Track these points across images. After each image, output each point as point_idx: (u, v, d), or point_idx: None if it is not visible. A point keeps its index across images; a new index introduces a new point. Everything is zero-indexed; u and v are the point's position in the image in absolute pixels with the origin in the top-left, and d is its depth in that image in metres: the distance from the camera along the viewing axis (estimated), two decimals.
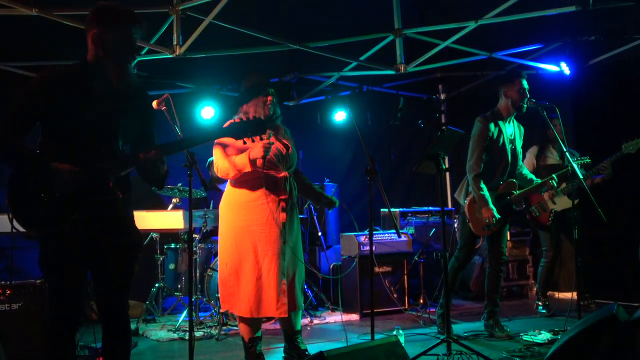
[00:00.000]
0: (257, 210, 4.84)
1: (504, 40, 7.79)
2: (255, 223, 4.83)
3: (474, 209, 5.95)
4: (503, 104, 6.05)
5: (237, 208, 4.90)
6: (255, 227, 4.82)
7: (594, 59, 8.10)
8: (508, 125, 6.05)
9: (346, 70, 8.35)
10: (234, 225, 4.89)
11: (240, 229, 4.86)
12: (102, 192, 3.29)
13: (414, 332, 6.31)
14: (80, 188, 3.21)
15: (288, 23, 6.98)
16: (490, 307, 6.11)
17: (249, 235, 4.83)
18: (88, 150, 3.27)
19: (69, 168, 3.17)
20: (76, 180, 3.21)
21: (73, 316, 3.33)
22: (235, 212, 4.90)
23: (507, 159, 6.00)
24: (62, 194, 3.19)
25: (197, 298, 6.86)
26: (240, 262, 4.83)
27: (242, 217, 4.86)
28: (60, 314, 3.31)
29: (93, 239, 3.30)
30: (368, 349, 3.95)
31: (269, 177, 4.84)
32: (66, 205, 3.20)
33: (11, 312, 5.25)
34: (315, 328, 6.86)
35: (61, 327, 3.32)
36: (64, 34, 6.25)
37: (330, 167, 9.39)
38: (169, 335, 6.39)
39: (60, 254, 3.26)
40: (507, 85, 6.02)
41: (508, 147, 5.99)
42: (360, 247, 7.40)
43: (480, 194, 5.81)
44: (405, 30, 6.97)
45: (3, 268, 7.03)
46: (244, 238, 4.84)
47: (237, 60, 7.62)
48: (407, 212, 8.43)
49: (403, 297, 7.60)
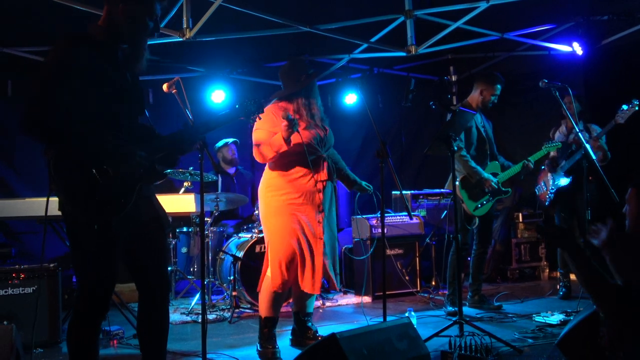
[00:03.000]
0: (296, 190, 4.86)
1: (516, 20, 7.72)
2: (296, 202, 4.85)
3: (466, 190, 6.23)
4: (475, 98, 6.48)
5: (277, 188, 4.91)
6: (295, 206, 4.85)
7: (607, 39, 8.01)
8: (477, 116, 6.41)
9: (357, 52, 8.31)
10: (275, 205, 4.91)
11: (280, 208, 4.87)
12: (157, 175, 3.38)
13: (426, 314, 6.32)
14: (138, 171, 3.22)
15: (298, 5, 6.93)
16: (475, 285, 6.55)
17: (289, 214, 4.84)
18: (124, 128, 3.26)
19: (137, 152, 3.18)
20: (142, 165, 3.22)
21: (108, 300, 3.31)
22: (275, 192, 4.91)
23: (485, 144, 6.41)
24: (123, 176, 3.16)
25: (210, 281, 6.89)
26: (280, 242, 4.85)
27: (282, 197, 4.88)
28: (98, 298, 3.24)
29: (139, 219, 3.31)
30: (380, 330, 3.96)
31: (310, 159, 4.86)
32: (128, 187, 3.19)
33: (25, 296, 5.29)
34: (327, 310, 6.88)
35: (96, 312, 3.25)
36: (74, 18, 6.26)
37: (341, 150, 9.24)
38: (182, 318, 6.43)
39: (111, 236, 3.19)
40: (486, 85, 6.44)
41: (483, 133, 6.40)
42: (371, 230, 7.40)
43: (471, 166, 6.19)
44: (416, 12, 6.91)
45: (16, 253, 7.08)
46: (283, 217, 4.85)
47: (247, 43, 7.59)
48: (419, 195, 8.42)
49: (415, 279, 7.61)
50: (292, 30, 7.09)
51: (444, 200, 8.43)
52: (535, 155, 6.46)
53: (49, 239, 6.92)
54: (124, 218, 3.18)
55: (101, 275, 3.22)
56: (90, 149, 3.09)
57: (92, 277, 3.21)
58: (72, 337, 3.25)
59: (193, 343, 5.37)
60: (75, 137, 3.06)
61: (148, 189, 3.43)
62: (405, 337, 4.02)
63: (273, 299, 4.93)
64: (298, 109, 4.96)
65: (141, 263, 3.39)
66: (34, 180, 7.72)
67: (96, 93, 3.14)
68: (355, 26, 7.28)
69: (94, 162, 3.08)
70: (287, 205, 4.85)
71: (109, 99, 3.19)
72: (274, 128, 4.77)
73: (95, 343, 3.30)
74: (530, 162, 6.39)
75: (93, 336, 3.28)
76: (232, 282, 6.52)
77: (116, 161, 3.12)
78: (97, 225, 3.11)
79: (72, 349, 3.25)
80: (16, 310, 5.19)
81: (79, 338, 3.24)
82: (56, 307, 5.40)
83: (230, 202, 7.38)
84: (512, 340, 5.00)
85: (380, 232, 5.31)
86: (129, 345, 5.44)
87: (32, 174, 7.76)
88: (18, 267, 5.37)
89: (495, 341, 4.74)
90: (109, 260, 3.22)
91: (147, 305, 3.46)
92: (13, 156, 7.74)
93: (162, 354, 3.50)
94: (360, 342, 3.71)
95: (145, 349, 3.47)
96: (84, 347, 3.25)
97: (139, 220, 3.32)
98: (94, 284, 3.22)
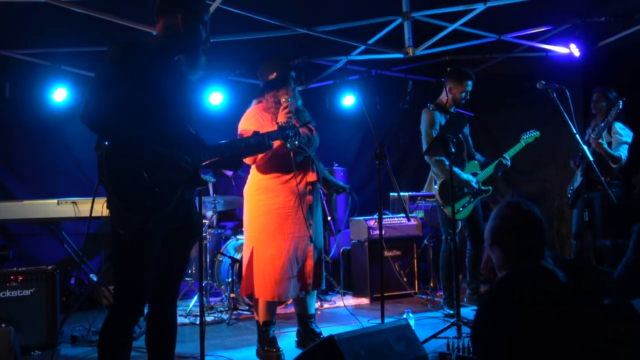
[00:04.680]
0: (286, 193, 4.86)
1: (513, 22, 7.73)
2: (288, 205, 4.85)
3: (446, 194, 6.03)
4: (445, 97, 6.32)
5: (267, 190, 4.90)
6: (287, 209, 4.85)
7: (604, 41, 8.02)
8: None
9: (354, 54, 8.31)
10: (262, 210, 4.90)
11: (270, 210, 4.87)
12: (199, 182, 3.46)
13: (424, 315, 6.32)
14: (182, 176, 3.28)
15: (296, 7, 6.94)
16: (474, 284, 6.58)
17: (280, 216, 4.85)
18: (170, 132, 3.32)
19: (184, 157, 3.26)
20: (187, 171, 3.29)
21: (144, 304, 3.32)
22: (265, 194, 4.90)
23: (462, 144, 6.29)
24: (166, 179, 3.22)
25: (208, 283, 6.89)
26: (269, 245, 4.85)
27: (271, 200, 4.87)
28: (137, 303, 3.24)
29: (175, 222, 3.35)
30: (378, 332, 3.96)
31: (298, 159, 4.86)
32: (171, 190, 3.25)
33: (23, 298, 5.29)
34: (325, 312, 6.88)
35: (133, 318, 3.25)
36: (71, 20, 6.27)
37: (339, 152, 9.38)
38: (180, 320, 6.41)
39: (152, 238, 3.23)
40: (454, 82, 6.29)
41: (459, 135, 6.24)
42: (369, 232, 7.41)
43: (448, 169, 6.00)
44: (413, 13, 6.92)
45: (14, 255, 7.08)
46: (274, 219, 4.85)
47: (245, 45, 7.60)
48: (417, 196, 8.40)
49: (413, 281, 7.61)
50: (290, 32, 7.10)
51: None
52: (511, 150, 6.44)
53: (47, 241, 6.96)
54: (161, 219, 3.23)
55: (138, 278, 3.22)
56: (141, 151, 3.17)
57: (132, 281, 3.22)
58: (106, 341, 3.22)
59: (191, 345, 5.37)
60: (126, 137, 3.16)
61: (190, 193, 3.48)
62: (403, 339, 4.01)
63: (268, 306, 4.95)
64: (272, 104, 4.94)
65: (162, 264, 3.38)
66: (32, 183, 7.72)
67: (147, 97, 3.23)
68: (353, 28, 7.29)
69: (144, 164, 3.16)
70: (278, 208, 4.84)
71: (159, 104, 3.28)
72: (262, 129, 4.74)
73: (129, 347, 3.29)
74: (506, 159, 6.36)
75: (127, 340, 3.28)
76: (230, 284, 6.52)
77: (164, 165, 3.21)
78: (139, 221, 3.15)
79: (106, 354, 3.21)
80: (14, 313, 5.18)
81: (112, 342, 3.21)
82: (54, 310, 5.39)
83: (228, 203, 7.38)
84: None
85: (378, 234, 5.32)
86: None
87: (31, 176, 7.76)
88: (16, 270, 5.37)
89: None
90: (147, 262, 3.23)
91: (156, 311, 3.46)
92: (11, 158, 7.73)
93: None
94: (358, 343, 3.70)
95: (153, 355, 3.48)
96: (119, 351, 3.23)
97: (174, 223, 3.35)
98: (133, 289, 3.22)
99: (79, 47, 7.27)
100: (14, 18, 6.55)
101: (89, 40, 7.10)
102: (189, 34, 3.39)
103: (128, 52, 3.21)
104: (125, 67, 3.17)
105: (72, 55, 7.45)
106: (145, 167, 3.15)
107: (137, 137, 3.18)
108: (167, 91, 3.32)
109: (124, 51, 3.21)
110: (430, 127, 6.19)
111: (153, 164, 3.17)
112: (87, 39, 7.08)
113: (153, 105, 3.26)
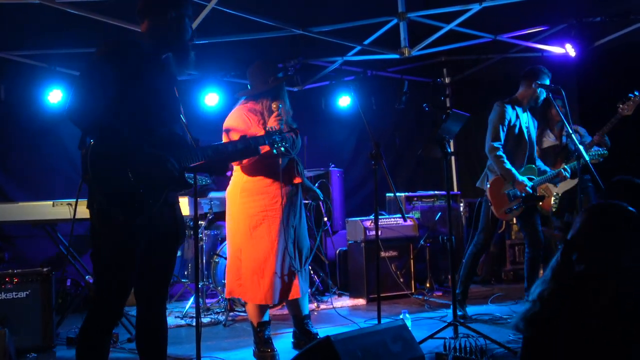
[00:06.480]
0: (271, 196, 4.85)
1: (509, 22, 7.74)
2: (270, 208, 4.84)
3: (497, 192, 5.94)
4: (525, 93, 6.10)
5: (252, 193, 4.89)
6: (273, 211, 4.84)
7: (600, 41, 8.04)
8: (524, 114, 6.11)
9: (350, 54, 8.32)
10: (248, 213, 4.88)
11: (255, 215, 4.85)
12: (184, 183, 3.41)
13: (420, 316, 6.31)
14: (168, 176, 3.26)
15: (291, 8, 6.93)
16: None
17: (266, 218, 4.84)
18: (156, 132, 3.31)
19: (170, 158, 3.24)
20: (173, 172, 3.26)
21: (123, 305, 3.30)
22: (248, 197, 4.89)
23: (525, 144, 6.07)
24: (152, 180, 3.20)
25: (204, 284, 6.88)
26: (256, 249, 4.84)
27: (256, 203, 4.86)
28: (117, 304, 3.23)
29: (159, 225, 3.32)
30: (375, 332, 3.96)
31: (284, 161, 4.86)
32: (156, 191, 3.23)
33: (18, 300, 5.27)
34: (322, 313, 6.88)
35: (112, 318, 3.25)
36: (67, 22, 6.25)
37: (335, 152, 9.37)
38: (176, 322, 6.41)
39: (135, 239, 3.21)
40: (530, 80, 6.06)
41: (525, 133, 6.06)
42: (366, 232, 7.40)
43: (507, 168, 5.85)
44: (409, 14, 6.92)
45: (10, 257, 7.06)
46: (258, 224, 4.84)
47: (240, 46, 7.59)
48: (413, 197, 8.41)
49: (409, 281, 7.60)
50: (286, 33, 7.10)
51: (438, 202, 8.43)
52: (571, 164, 6.15)
53: (43, 243, 6.95)
54: (146, 221, 3.20)
55: (119, 278, 3.21)
56: (126, 150, 3.14)
57: (113, 281, 3.21)
58: (84, 342, 3.21)
59: (187, 347, 5.37)
60: (111, 135, 3.13)
61: (173, 196, 3.46)
62: (400, 339, 4.01)
63: (259, 309, 4.95)
64: (263, 110, 4.91)
65: (148, 267, 3.36)
66: (28, 185, 7.69)
67: (134, 95, 3.22)
68: (348, 28, 7.29)
69: (129, 163, 3.13)
70: (264, 210, 4.84)
71: (145, 104, 3.26)
72: (249, 130, 4.73)
73: (107, 349, 3.28)
74: (567, 170, 6.10)
75: (105, 342, 3.26)
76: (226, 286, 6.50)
77: (150, 165, 3.18)
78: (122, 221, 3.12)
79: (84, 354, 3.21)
80: (10, 315, 5.16)
81: (91, 343, 3.20)
82: (50, 312, 5.38)
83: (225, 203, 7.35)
84: (506, 341, 4.99)
85: (374, 235, 5.32)
86: (122, 349, 5.43)
87: (26, 178, 7.73)
88: (11, 272, 5.35)
89: (490, 342, 4.75)
90: (129, 263, 3.21)
91: (146, 313, 3.45)
92: (6, 160, 7.70)
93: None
94: (355, 344, 3.70)
95: (144, 357, 3.47)
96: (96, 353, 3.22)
97: (159, 227, 3.32)
98: (114, 289, 3.20)
99: (74, 49, 7.25)
100: (9, 19, 6.54)
101: (84, 41, 7.08)
102: (175, 31, 3.38)
103: (115, 51, 3.21)
104: (111, 66, 3.15)
105: (67, 57, 7.43)
106: (131, 167, 3.13)
107: (123, 137, 3.15)
108: (154, 91, 3.31)
109: (111, 50, 3.21)
110: (500, 119, 5.96)
111: (138, 164, 3.15)
112: (83, 41, 7.05)
113: (139, 105, 3.24)
